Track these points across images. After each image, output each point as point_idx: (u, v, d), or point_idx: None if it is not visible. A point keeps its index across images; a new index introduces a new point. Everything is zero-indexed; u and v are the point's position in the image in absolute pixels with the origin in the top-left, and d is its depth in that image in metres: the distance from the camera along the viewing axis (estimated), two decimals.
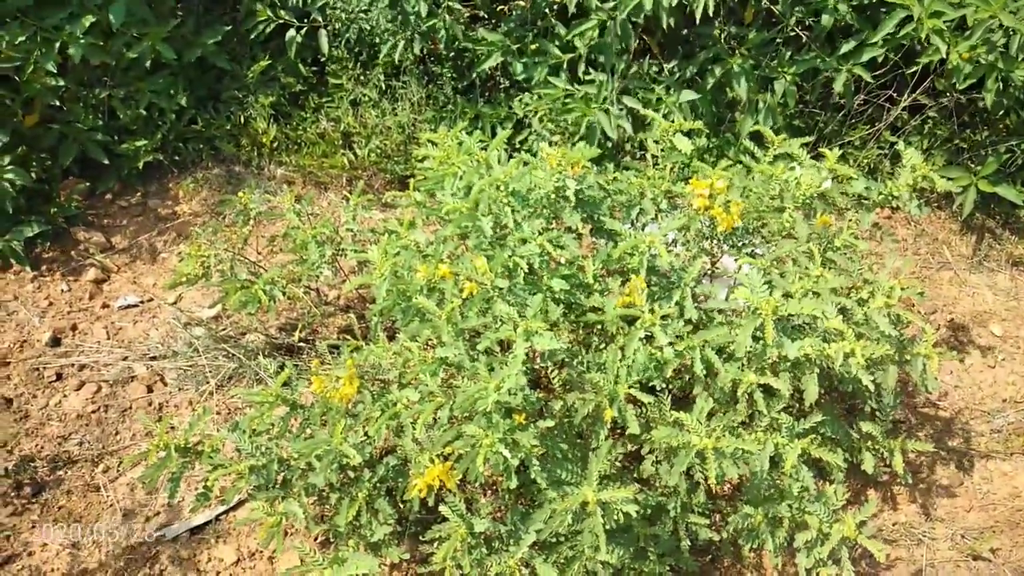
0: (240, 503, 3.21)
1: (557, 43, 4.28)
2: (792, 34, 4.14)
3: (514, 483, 2.17)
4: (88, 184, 4.49)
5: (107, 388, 3.62)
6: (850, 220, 2.91)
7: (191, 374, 3.62)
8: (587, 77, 4.22)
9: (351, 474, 2.64)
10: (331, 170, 4.48)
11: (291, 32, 4.54)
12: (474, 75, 4.49)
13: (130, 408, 3.56)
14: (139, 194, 4.57)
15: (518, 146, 4.42)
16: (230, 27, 4.54)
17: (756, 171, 3.00)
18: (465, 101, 4.52)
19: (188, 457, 2.43)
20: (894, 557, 3.02)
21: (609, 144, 4.32)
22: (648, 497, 2.61)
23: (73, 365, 3.71)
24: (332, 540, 2.79)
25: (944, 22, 3.74)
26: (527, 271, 2.56)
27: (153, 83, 4.41)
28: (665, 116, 4.04)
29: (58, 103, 4.27)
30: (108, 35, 4.23)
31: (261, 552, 3.06)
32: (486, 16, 4.58)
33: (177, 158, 4.61)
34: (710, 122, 4.26)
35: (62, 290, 4.06)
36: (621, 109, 4.11)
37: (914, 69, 3.97)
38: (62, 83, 4.17)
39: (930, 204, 4.37)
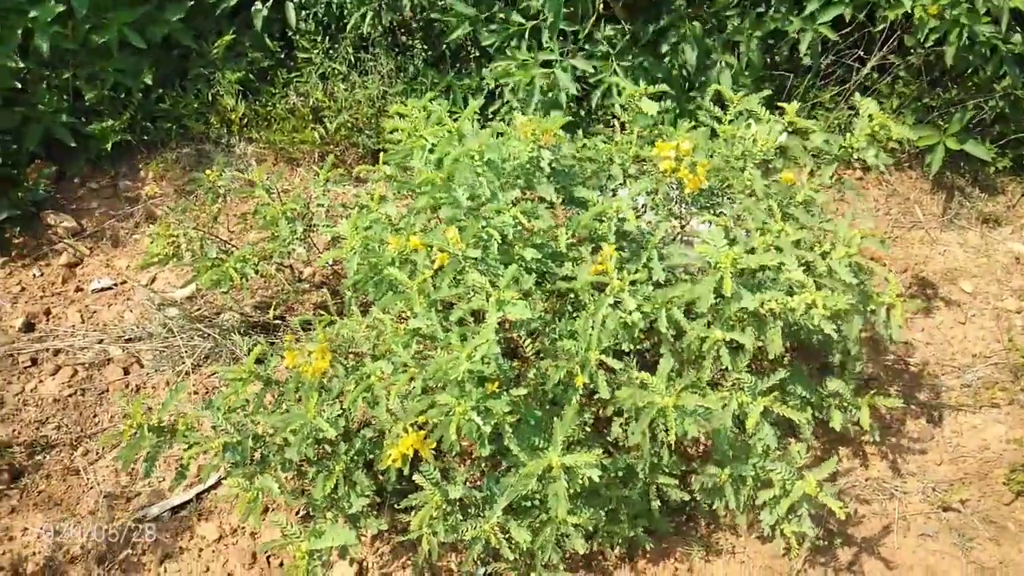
0: (221, 481, 3.22)
1: (524, 12, 4.23)
2: None
3: (487, 451, 2.19)
4: (56, 167, 4.43)
5: (83, 372, 3.61)
6: (811, 175, 2.93)
7: (167, 355, 3.61)
8: (548, 44, 4.18)
9: (328, 448, 2.65)
10: (302, 145, 4.44)
11: (257, 4, 4.47)
12: (444, 46, 4.44)
13: (107, 391, 3.55)
14: (109, 176, 4.51)
15: (491, 116, 4.39)
16: (194, 2, 4.45)
17: (720, 132, 3.00)
18: (435, 72, 4.48)
19: (163, 436, 2.43)
20: (867, 511, 3.08)
21: (581, 110, 4.31)
22: (618, 460, 2.64)
23: (48, 350, 3.68)
24: (313, 514, 2.81)
25: None
26: (500, 242, 2.57)
27: (118, 62, 4.33)
28: (627, 78, 4.03)
29: (20, 85, 4.19)
30: (70, 15, 4.14)
31: (243, 528, 3.08)
32: None
33: (146, 138, 4.55)
34: (677, 86, 4.24)
35: (34, 275, 4.02)
36: (574, 70, 4.08)
37: (881, 27, 3.97)
38: (23, 65, 4.09)
39: (900, 164, 4.39)
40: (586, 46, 4.14)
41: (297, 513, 3.07)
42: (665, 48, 4.09)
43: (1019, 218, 4.16)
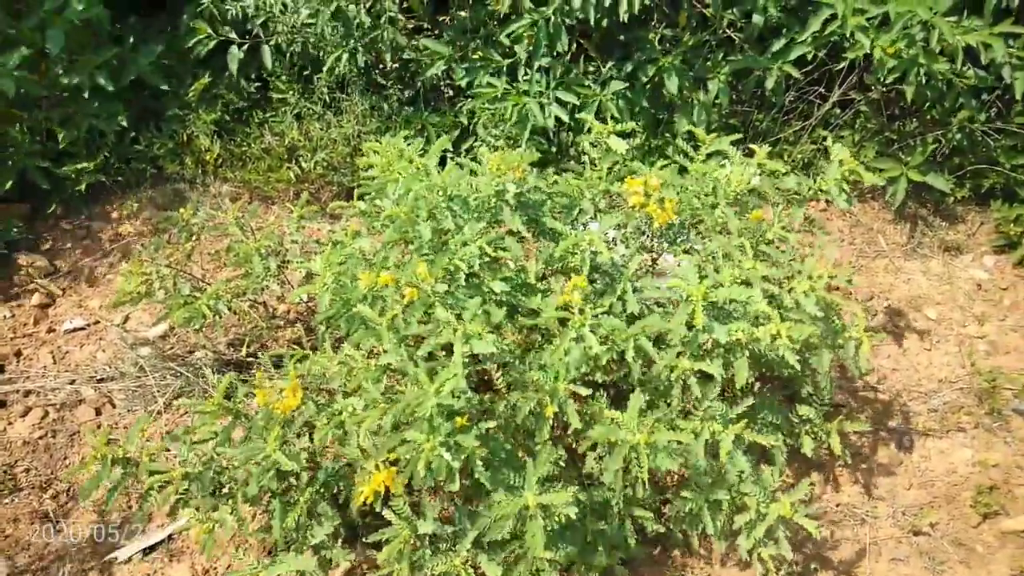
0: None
1: (498, 50, 4.34)
2: (724, 36, 4.25)
3: (456, 486, 2.20)
4: (29, 208, 4.43)
5: (54, 413, 3.57)
6: (781, 214, 3.01)
7: (139, 394, 3.59)
8: (525, 78, 4.28)
9: (294, 482, 2.64)
10: (277, 184, 4.48)
11: (232, 49, 4.53)
12: (419, 84, 4.53)
13: (78, 432, 3.52)
14: (83, 216, 4.51)
15: (464, 154, 4.47)
16: (167, 46, 4.51)
17: (690, 169, 3.08)
18: (410, 111, 4.56)
19: (127, 469, 2.41)
20: (839, 537, 3.11)
21: (552, 147, 4.40)
22: (594, 493, 2.65)
23: (18, 391, 3.65)
24: (279, 549, 2.79)
25: (867, 19, 3.88)
26: (467, 274, 2.60)
27: (92, 105, 4.36)
28: (599, 112, 4.12)
29: None
30: (42, 57, 4.17)
31: (215, 568, 3.05)
32: (428, 27, 4.63)
33: (120, 179, 4.57)
34: (648, 123, 4.35)
35: (4, 316, 3.99)
36: (557, 102, 4.18)
37: (842, 65, 4.11)
38: None
39: (864, 195, 4.51)
40: (566, 80, 4.23)
41: (269, 553, 3.03)
42: (644, 80, 4.20)
43: (979, 246, 4.27)
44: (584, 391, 2.38)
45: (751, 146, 3.14)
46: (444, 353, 2.58)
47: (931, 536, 3.10)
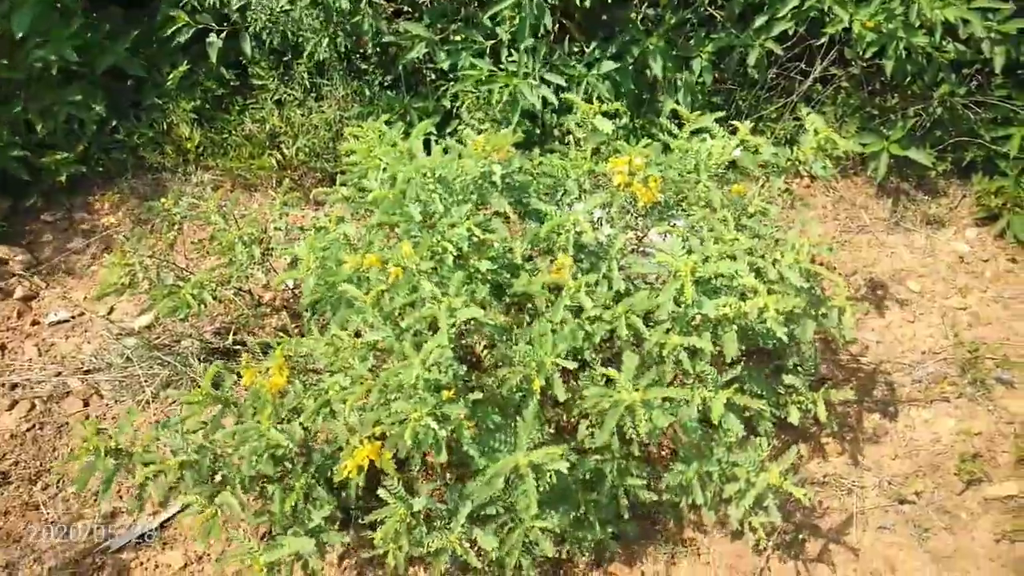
0: (185, 508, 3.18)
1: (480, 32, 4.32)
2: (706, 13, 4.25)
3: (444, 456, 2.21)
4: (9, 201, 4.38)
5: (41, 405, 3.55)
6: (762, 187, 3.02)
7: (127, 384, 3.57)
8: (510, 59, 4.26)
9: (288, 466, 2.65)
10: (260, 171, 4.45)
11: (211, 37, 4.49)
12: (400, 68, 4.50)
13: (66, 424, 3.50)
14: (64, 208, 4.47)
15: (447, 137, 4.45)
16: (142, 32, 4.46)
17: (673, 146, 3.09)
18: (392, 95, 4.53)
19: (120, 459, 2.41)
20: (826, 506, 3.15)
21: (537, 128, 4.39)
22: (585, 462, 2.67)
23: (3, 384, 3.62)
24: (275, 533, 2.80)
25: None
26: (456, 255, 2.60)
27: (70, 94, 4.31)
28: (587, 95, 4.11)
29: None
30: (12, 44, 4.11)
31: (208, 555, 3.05)
32: (409, 10, 4.60)
33: (100, 169, 4.53)
34: (632, 103, 4.35)
35: None
36: (543, 83, 4.17)
37: (822, 41, 4.12)
38: None
39: (846, 171, 4.54)
40: (550, 61, 4.22)
41: (263, 537, 3.04)
42: (629, 61, 4.19)
43: (961, 219, 4.31)
44: (571, 364, 2.40)
45: (734, 123, 3.15)
46: (430, 332, 2.59)
47: (916, 504, 3.15)
